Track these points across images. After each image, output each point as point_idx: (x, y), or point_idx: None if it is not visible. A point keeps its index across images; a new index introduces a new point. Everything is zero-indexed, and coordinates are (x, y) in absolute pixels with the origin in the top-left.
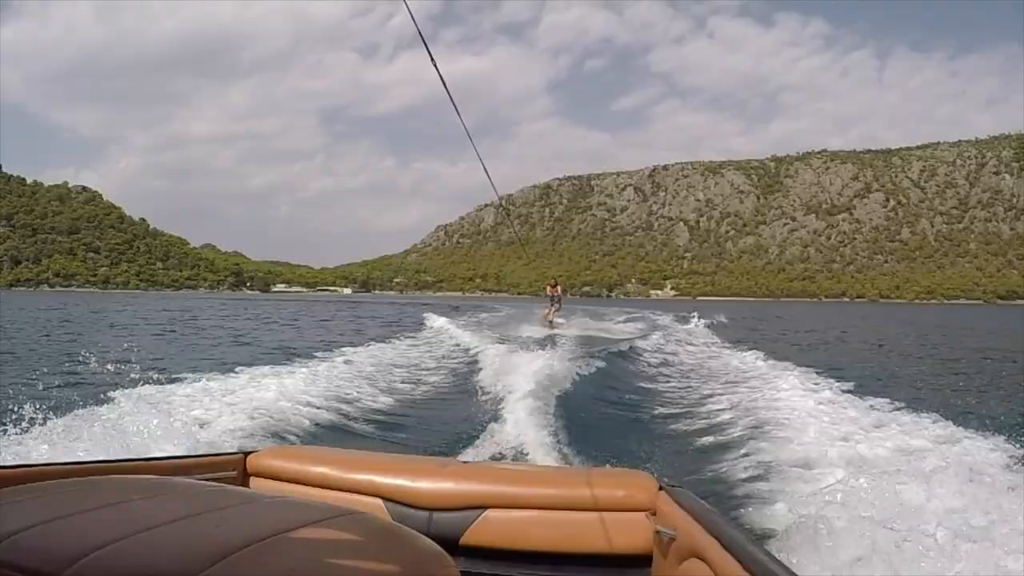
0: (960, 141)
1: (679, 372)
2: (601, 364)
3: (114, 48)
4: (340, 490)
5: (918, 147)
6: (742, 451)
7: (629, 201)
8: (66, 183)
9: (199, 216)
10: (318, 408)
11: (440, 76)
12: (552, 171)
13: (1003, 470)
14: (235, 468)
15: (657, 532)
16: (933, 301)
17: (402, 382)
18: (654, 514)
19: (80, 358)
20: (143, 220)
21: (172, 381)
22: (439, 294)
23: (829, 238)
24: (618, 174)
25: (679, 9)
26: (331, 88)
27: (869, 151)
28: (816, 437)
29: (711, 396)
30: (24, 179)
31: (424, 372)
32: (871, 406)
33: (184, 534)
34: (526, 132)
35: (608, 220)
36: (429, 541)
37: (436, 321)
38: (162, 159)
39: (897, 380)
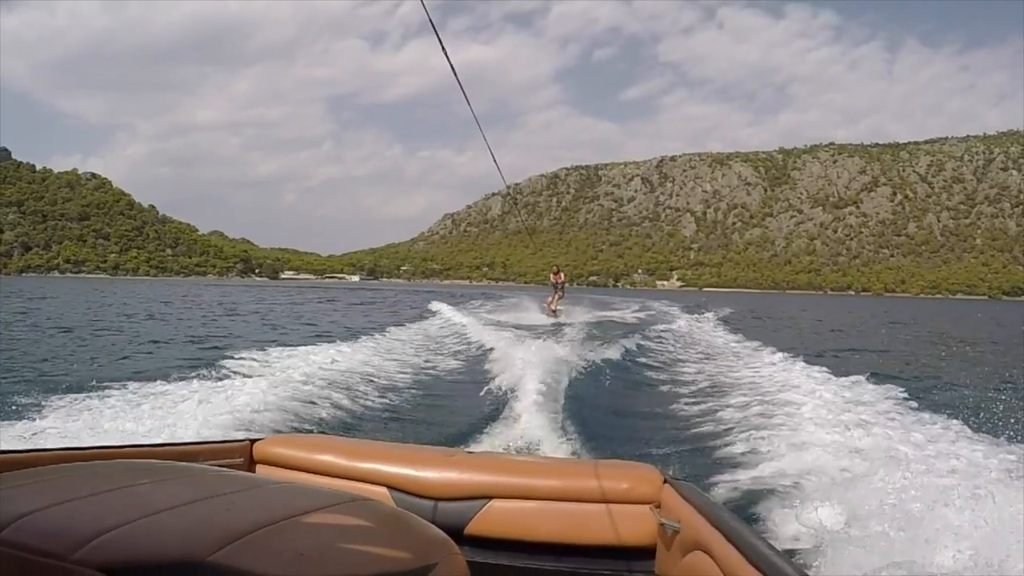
0: (968, 136)
1: (685, 364)
2: (607, 355)
3: (120, 36)
4: (345, 478)
5: (926, 142)
6: (747, 445)
7: (636, 192)
8: (75, 170)
9: (206, 203)
10: (324, 396)
11: (448, 59)
12: (559, 161)
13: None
14: (241, 455)
15: (661, 525)
16: (938, 296)
17: (408, 371)
18: (658, 507)
19: (197, 339)
20: (152, 207)
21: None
22: (446, 282)
23: (835, 231)
24: (625, 164)
25: None
26: (338, 76)
27: (877, 145)
28: (822, 431)
29: (717, 389)
30: (34, 166)
31: (430, 361)
32: (880, 399)
33: (193, 517)
34: (534, 121)
35: (615, 210)
36: (435, 528)
37: (442, 309)
38: (168, 146)
39: (903, 372)
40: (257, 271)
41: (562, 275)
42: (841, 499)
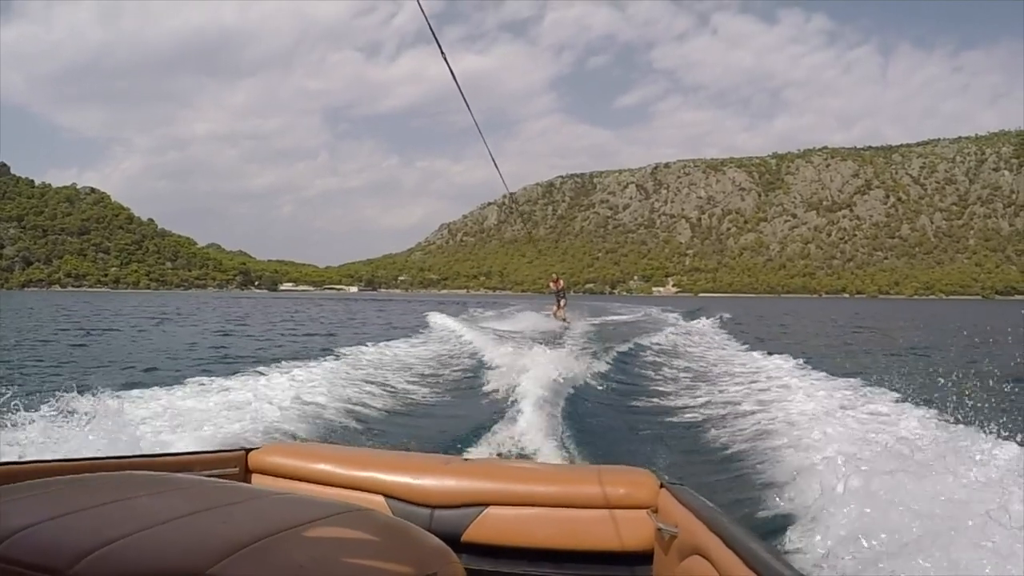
0: (960, 138)
1: (682, 370)
2: (604, 362)
3: (116, 49)
4: (342, 487)
5: (918, 144)
6: (744, 449)
7: (631, 199)
8: (74, 185)
9: (202, 216)
10: (320, 405)
11: (447, 63)
12: (555, 169)
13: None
14: (237, 464)
15: (658, 529)
16: (932, 297)
17: (405, 379)
18: (655, 511)
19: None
20: (151, 221)
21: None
22: (444, 292)
23: (829, 235)
24: (620, 172)
25: (682, 5)
26: (334, 87)
27: (869, 148)
28: (820, 435)
29: (714, 394)
30: (32, 181)
31: (427, 369)
32: (874, 401)
33: (191, 530)
34: (529, 130)
35: (610, 218)
36: (433, 537)
37: (440, 318)
38: (165, 159)
39: (900, 375)
40: (256, 283)
41: (561, 282)
42: (840, 501)
